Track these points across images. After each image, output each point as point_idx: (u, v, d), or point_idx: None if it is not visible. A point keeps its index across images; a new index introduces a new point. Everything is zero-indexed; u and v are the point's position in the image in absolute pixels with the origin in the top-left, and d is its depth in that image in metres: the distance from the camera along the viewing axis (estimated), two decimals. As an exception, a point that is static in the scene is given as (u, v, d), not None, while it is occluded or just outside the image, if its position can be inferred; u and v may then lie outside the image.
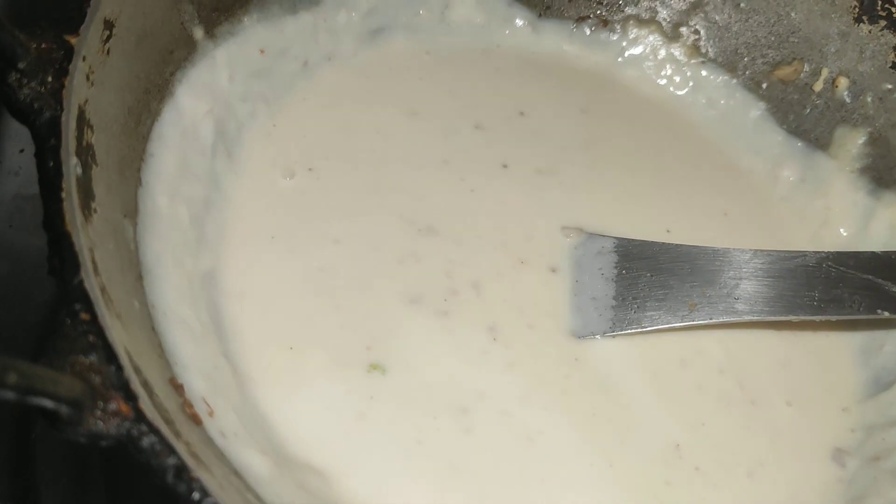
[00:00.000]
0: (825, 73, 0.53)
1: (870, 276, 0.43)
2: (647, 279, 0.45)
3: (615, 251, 0.46)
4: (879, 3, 0.51)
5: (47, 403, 0.24)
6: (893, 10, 0.50)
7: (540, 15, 0.56)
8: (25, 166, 0.56)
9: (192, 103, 0.42)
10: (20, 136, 0.57)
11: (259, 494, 0.31)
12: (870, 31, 0.51)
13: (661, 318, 0.44)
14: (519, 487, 0.38)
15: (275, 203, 0.45)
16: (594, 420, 0.41)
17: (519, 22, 0.56)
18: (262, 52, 0.47)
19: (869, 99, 0.51)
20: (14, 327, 0.50)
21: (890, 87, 0.51)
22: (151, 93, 0.40)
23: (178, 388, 0.32)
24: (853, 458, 0.43)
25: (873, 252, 0.45)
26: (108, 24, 0.36)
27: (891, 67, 0.50)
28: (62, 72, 0.32)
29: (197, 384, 0.34)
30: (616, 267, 0.46)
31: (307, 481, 0.35)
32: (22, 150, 0.57)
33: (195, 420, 0.32)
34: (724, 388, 0.44)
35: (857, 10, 0.51)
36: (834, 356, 0.47)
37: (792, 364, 0.46)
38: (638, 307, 0.45)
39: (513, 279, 0.45)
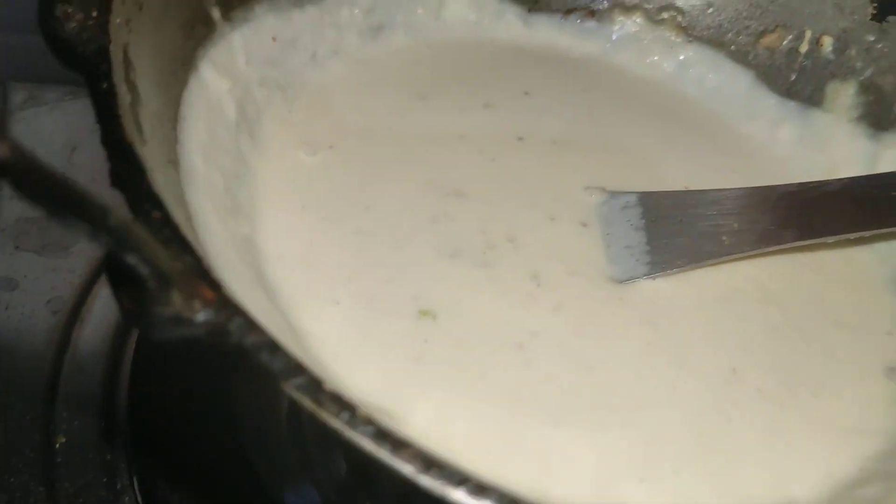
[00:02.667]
0: (808, 34, 0.55)
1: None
2: (676, 223, 0.46)
3: (639, 204, 0.47)
4: (852, -38, 0.54)
5: (141, 268, 0.23)
6: (866, -34, 0.53)
7: (529, 10, 0.58)
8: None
9: (214, 78, 0.42)
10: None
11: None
12: (846, -11, 0.54)
13: (699, 255, 0.44)
14: (588, 410, 0.37)
15: (301, 177, 0.44)
16: (649, 350, 0.41)
17: (510, 17, 0.58)
18: (274, 39, 0.48)
19: (854, 52, 0.54)
20: (24, 336, 0.48)
21: (873, 38, 0.53)
22: (178, 61, 0.40)
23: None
24: (906, 375, 0.43)
25: (892, 171, 0.46)
26: (140, -19, 0.36)
27: (871, 19, 0.53)
28: (106, 8, 0.32)
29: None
30: (643, 217, 0.46)
31: (381, 420, 0.34)
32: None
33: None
34: (768, 317, 0.44)
35: (831, -29, 0.54)
36: (866, 287, 0.48)
37: (828, 296, 0.46)
38: (673, 248, 0.45)
39: (546, 233, 0.45)
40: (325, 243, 0.42)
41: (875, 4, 0.53)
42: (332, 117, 0.48)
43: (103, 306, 0.52)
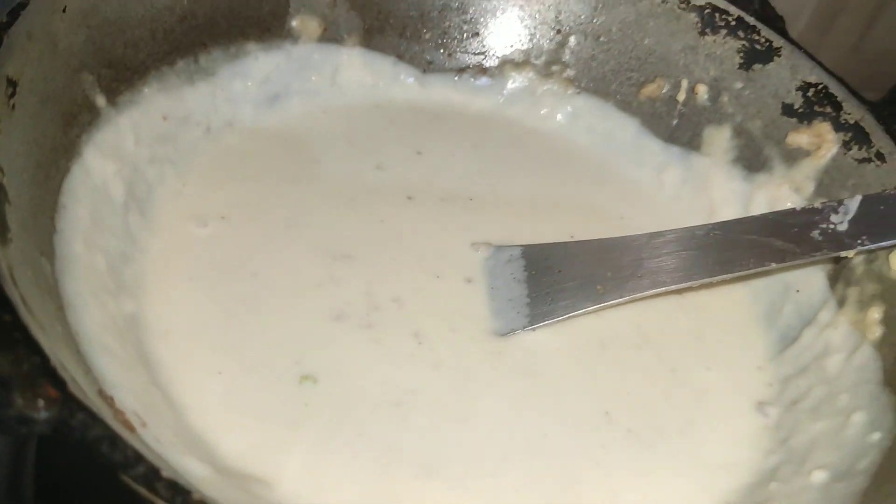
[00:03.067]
0: (684, 83, 0.58)
1: (754, 236, 0.47)
2: (556, 275, 0.48)
3: (522, 257, 0.49)
4: (717, 15, 0.57)
5: (-26, 376, 0.25)
6: (730, 19, 0.57)
7: (424, 70, 0.61)
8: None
9: (100, 163, 0.44)
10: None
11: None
12: (714, 41, 0.57)
13: (575, 305, 0.47)
14: (460, 462, 0.39)
15: (191, 250, 0.46)
16: (524, 400, 0.43)
17: (406, 78, 0.60)
18: (164, 118, 0.50)
19: (726, 99, 0.57)
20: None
21: (741, 85, 0.56)
22: (59, 151, 0.42)
23: (107, 399, 0.33)
24: (774, 407, 0.46)
25: (753, 216, 0.49)
26: (12, 82, 0.38)
27: (738, 68, 0.56)
28: (-31, 115, 0.34)
29: (128, 401, 0.34)
30: (526, 270, 0.49)
31: (250, 488, 0.36)
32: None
33: (128, 427, 0.32)
34: (643, 360, 0.46)
35: (699, 25, 0.57)
36: (740, 324, 0.50)
37: (703, 334, 0.49)
38: (552, 300, 0.47)
39: (431, 291, 0.47)
40: (211, 314, 0.43)
41: (741, 54, 0.56)
42: (224, 188, 0.50)
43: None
